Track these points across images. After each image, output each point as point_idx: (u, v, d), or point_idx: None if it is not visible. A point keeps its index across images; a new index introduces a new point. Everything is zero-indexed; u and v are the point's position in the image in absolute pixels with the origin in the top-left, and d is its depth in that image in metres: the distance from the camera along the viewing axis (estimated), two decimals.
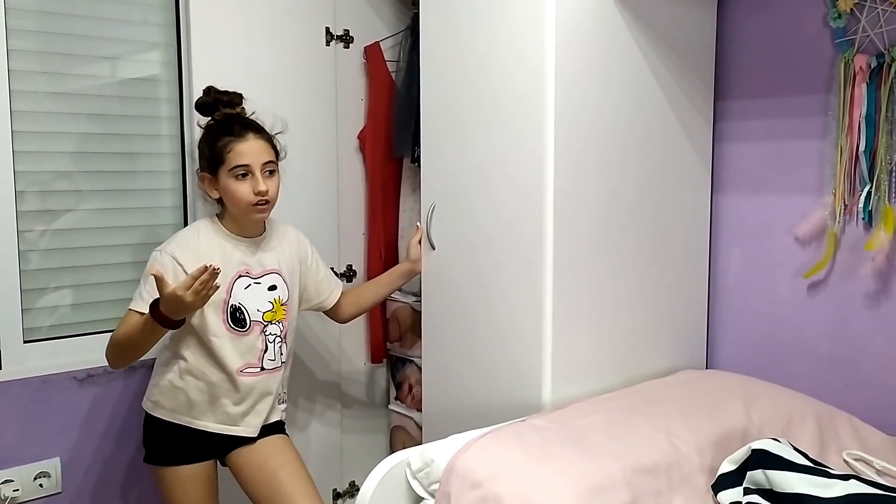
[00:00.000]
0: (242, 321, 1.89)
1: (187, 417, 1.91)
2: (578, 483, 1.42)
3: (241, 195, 1.85)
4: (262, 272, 1.95)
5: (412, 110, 2.35)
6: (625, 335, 2.01)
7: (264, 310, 1.93)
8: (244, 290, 1.90)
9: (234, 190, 1.86)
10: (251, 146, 1.86)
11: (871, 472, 1.62)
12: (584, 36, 1.84)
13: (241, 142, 1.85)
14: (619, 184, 1.95)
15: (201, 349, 1.89)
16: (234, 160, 1.85)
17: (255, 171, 1.86)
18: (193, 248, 1.87)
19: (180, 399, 1.90)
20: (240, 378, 1.90)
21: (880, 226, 1.84)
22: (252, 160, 1.85)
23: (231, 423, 1.93)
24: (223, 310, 1.87)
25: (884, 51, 1.83)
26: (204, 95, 1.95)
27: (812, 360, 2.02)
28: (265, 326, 1.93)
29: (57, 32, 2.11)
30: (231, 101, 1.95)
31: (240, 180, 1.85)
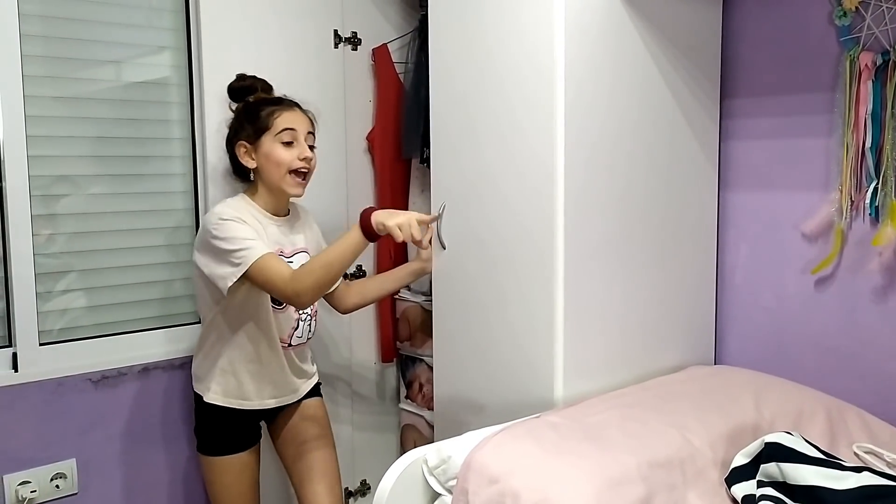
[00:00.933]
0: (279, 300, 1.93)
1: (238, 400, 1.96)
2: (595, 477, 1.44)
3: (285, 159, 1.89)
4: (293, 251, 1.99)
5: (420, 111, 2.37)
6: (635, 332, 2.03)
7: None
8: None
9: (279, 154, 1.90)
10: (297, 115, 1.94)
11: (882, 465, 1.64)
12: (593, 36, 1.85)
13: (288, 110, 1.93)
14: (628, 182, 1.97)
15: (254, 326, 1.92)
16: (281, 124, 1.90)
17: (300, 137, 1.92)
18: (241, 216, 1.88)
19: (230, 383, 1.96)
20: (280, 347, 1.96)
21: (887, 221, 1.86)
22: (298, 127, 1.92)
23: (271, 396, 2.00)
24: None
25: (889, 48, 1.85)
26: (239, 80, 2.03)
27: (820, 354, 2.04)
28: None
29: (66, 37, 2.12)
30: (266, 87, 2.04)
31: (285, 146, 1.90)
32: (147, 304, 2.29)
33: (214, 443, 2.00)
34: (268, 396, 2.00)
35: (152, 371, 2.24)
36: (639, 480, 1.47)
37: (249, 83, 2.02)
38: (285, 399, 2.04)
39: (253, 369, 1.97)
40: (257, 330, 1.94)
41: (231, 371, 1.96)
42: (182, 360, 2.29)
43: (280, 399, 2.03)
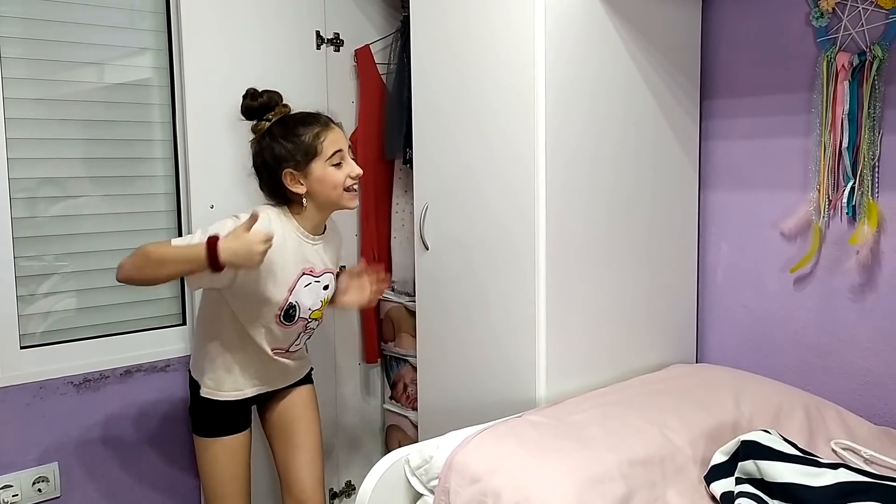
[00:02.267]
0: (292, 317, 1.92)
1: (232, 392, 1.95)
2: (575, 476, 1.45)
3: (339, 181, 1.86)
4: (322, 271, 1.97)
5: (403, 112, 2.37)
6: (617, 331, 2.05)
7: (314, 308, 1.95)
8: (304, 287, 1.91)
9: (333, 176, 1.86)
10: (338, 134, 1.89)
11: (860, 461, 1.66)
12: (574, 37, 1.87)
13: (330, 131, 1.87)
14: (610, 181, 1.98)
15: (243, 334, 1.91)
16: (329, 148, 1.85)
17: (346, 155, 1.89)
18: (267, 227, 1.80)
19: (224, 378, 1.94)
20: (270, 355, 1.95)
21: (864, 220, 1.88)
22: (343, 146, 1.89)
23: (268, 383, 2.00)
24: (280, 307, 1.88)
25: (865, 49, 1.87)
26: (250, 99, 1.90)
27: (799, 352, 2.06)
28: (308, 322, 1.96)
29: (46, 39, 2.11)
30: (277, 99, 1.92)
31: (336, 168, 1.87)
32: (129, 306, 2.28)
33: (208, 426, 1.98)
34: (260, 384, 1.99)
35: (135, 374, 2.24)
36: (619, 478, 1.48)
37: (266, 100, 1.90)
38: (278, 384, 2.03)
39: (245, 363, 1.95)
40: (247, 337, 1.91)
41: (224, 367, 1.94)
42: (165, 363, 2.28)
43: (274, 385, 2.02)
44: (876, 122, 1.86)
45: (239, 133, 2.24)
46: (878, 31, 1.85)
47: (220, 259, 1.66)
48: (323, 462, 2.10)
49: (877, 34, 1.85)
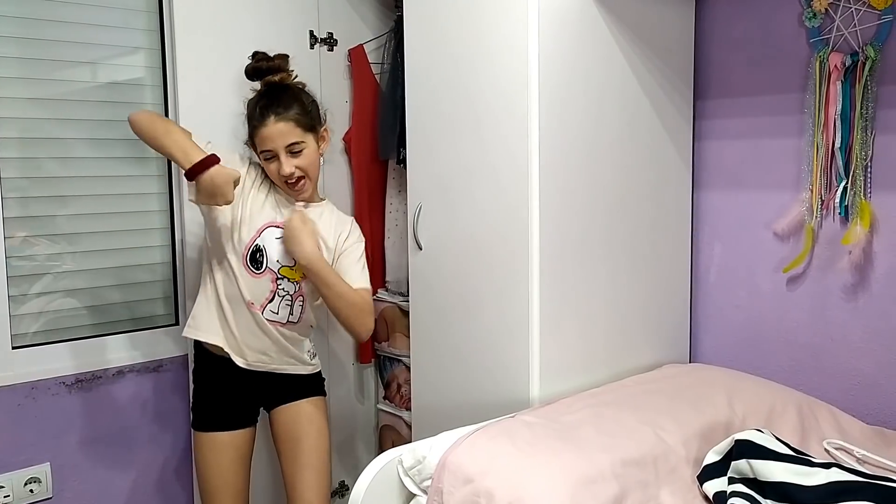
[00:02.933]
0: (259, 263, 1.92)
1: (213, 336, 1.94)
2: (568, 476, 1.45)
3: (272, 174, 1.94)
4: None
5: (397, 112, 2.37)
6: (610, 331, 2.05)
7: (284, 263, 1.93)
8: (274, 238, 1.93)
9: (266, 169, 1.95)
10: (271, 130, 1.90)
11: (852, 461, 1.66)
12: (567, 37, 1.87)
13: (263, 127, 1.91)
14: (603, 182, 1.99)
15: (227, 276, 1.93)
16: (260, 145, 1.93)
17: (280, 153, 1.91)
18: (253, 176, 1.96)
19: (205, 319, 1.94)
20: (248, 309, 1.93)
21: (856, 220, 1.89)
22: (274, 144, 1.90)
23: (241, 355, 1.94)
24: (247, 246, 1.91)
25: (858, 49, 1.87)
26: (251, 60, 2.01)
27: (792, 352, 2.06)
28: (278, 278, 1.94)
29: (40, 39, 2.10)
30: (271, 67, 1.99)
31: (268, 161, 1.93)
32: (122, 306, 2.27)
33: (206, 416, 1.98)
34: (240, 354, 1.94)
35: (127, 374, 2.23)
36: (612, 479, 1.48)
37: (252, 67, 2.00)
38: (258, 367, 1.96)
39: (220, 315, 1.94)
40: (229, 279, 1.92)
41: (217, 314, 1.94)
42: (157, 363, 2.28)
43: (252, 365, 1.95)
44: (868, 123, 1.86)
45: (231, 133, 2.24)
46: (871, 31, 1.86)
47: (200, 176, 1.74)
48: (329, 479, 2.08)
49: (869, 35, 1.86)
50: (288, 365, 2.01)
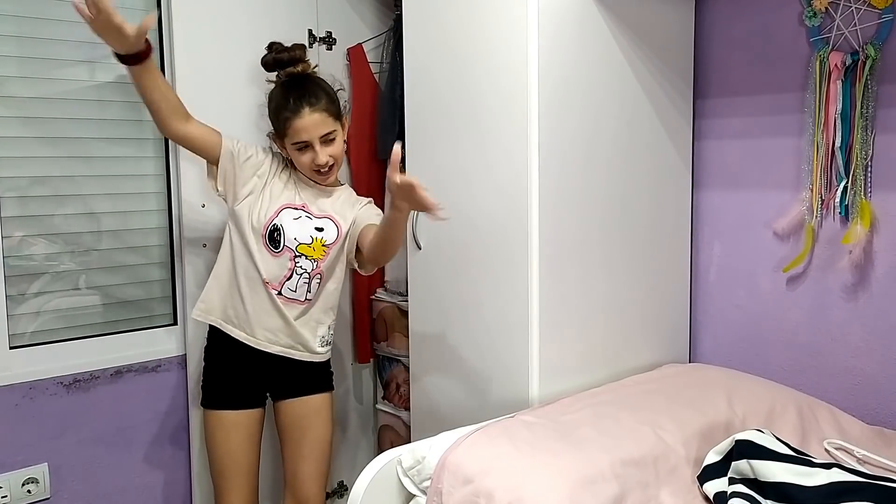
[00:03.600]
0: (277, 242, 1.96)
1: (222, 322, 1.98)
2: (568, 477, 1.45)
3: (303, 164, 1.98)
4: (321, 215, 2.01)
5: (396, 111, 2.36)
6: (610, 331, 2.04)
7: (301, 241, 1.97)
8: (293, 219, 1.98)
9: (297, 158, 1.98)
10: (306, 121, 1.93)
11: (852, 461, 1.66)
12: (567, 36, 1.86)
13: (297, 118, 1.93)
14: (603, 182, 1.98)
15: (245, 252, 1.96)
16: (293, 136, 1.95)
17: (315, 144, 1.95)
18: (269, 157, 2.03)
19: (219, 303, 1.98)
20: (264, 287, 1.96)
21: (857, 220, 1.89)
22: (310, 135, 1.94)
23: (251, 334, 1.98)
24: (265, 226, 1.96)
25: (858, 48, 1.87)
26: (267, 52, 2.06)
27: (792, 351, 2.06)
28: (296, 256, 1.96)
29: (39, 37, 2.09)
30: (292, 58, 2.04)
31: (300, 151, 1.96)
32: (120, 306, 2.26)
33: (215, 394, 2.00)
34: (251, 333, 1.98)
35: (125, 374, 2.22)
36: (612, 479, 1.48)
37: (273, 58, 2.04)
38: (267, 346, 1.98)
39: (232, 295, 1.98)
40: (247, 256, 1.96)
41: (219, 292, 1.99)
42: (156, 363, 2.27)
43: (261, 344, 1.97)
44: (869, 122, 1.86)
45: (231, 131, 2.23)
46: (871, 30, 1.85)
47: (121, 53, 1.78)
48: (328, 470, 2.13)
49: (869, 34, 1.86)
50: (295, 350, 2.02)
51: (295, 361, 2.02)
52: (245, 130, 2.21)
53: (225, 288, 1.99)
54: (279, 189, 2.01)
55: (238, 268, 1.97)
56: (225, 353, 2.02)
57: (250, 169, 1.99)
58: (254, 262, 1.95)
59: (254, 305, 1.96)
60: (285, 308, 1.97)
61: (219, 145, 1.96)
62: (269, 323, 1.97)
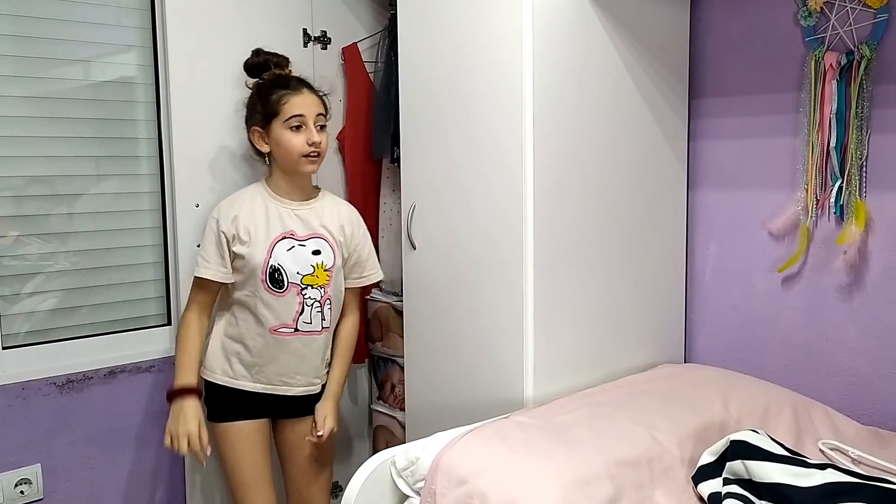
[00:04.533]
0: (280, 282, 1.95)
1: (231, 379, 2.00)
2: (562, 477, 1.44)
3: (295, 146, 1.94)
4: (308, 235, 2.00)
5: (391, 111, 2.36)
6: (605, 331, 2.04)
7: (304, 273, 1.97)
8: (286, 251, 1.96)
9: (288, 140, 1.95)
10: (306, 99, 1.96)
11: (847, 461, 1.65)
12: (561, 36, 1.86)
13: (296, 95, 1.95)
14: (598, 181, 1.98)
15: (243, 306, 1.97)
16: (289, 111, 1.94)
17: (309, 122, 1.95)
18: (233, 214, 1.97)
19: (223, 363, 1.99)
20: (273, 336, 1.96)
21: (851, 220, 1.88)
22: (307, 111, 1.95)
23: (268, 382, 2.00)
24: (263, 270, 1.94)
25: (853, 48, 1.87)
26: (254, 56, 2.06)
27: (787, 352, 2.06)
28: (303, 289, 1.97)
29: (33, 36, 2.09)
30: (280, 62, 2.05)
31: (294, 132, 1.94)
32: (114, 306, 2.25)
33: (221, 410, 2.01)
34: (257, 381, 2.00)
35: (119, 374, 2.21)
36: (606, 480, 1.48)
37: (263, 60, 2.04)
38: (274, 389, 2.01)
39: (238, 349, 1.99)
40: (246, 309, 1.97)
41: (222, 348, 2.00)
42: (150, 364, 2.26)
43: (267, 387, 2.01)
44: (864, 122, 1.86)
45: (224, 131, 2.23)
46: (866, 30, 1.85)
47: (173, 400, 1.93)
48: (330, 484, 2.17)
49: (865, 33, 1.85)
50: (311, 386, 2.06)
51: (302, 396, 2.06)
52: (237, 129, 2.20)
53: (227, 345, 2.00)
54: (262, 224, 1.97)
55: (240, 321, 1.98)
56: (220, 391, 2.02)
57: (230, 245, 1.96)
58: (257, 310, 1.96)
59: (261, 355, 1.98)
60: (302, 344, 1.99)
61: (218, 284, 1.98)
62: (279, 368, 2.00)
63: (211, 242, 1.96)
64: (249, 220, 1.96)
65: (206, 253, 1.96)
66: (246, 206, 1.98)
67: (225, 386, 2.00)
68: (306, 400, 2.07)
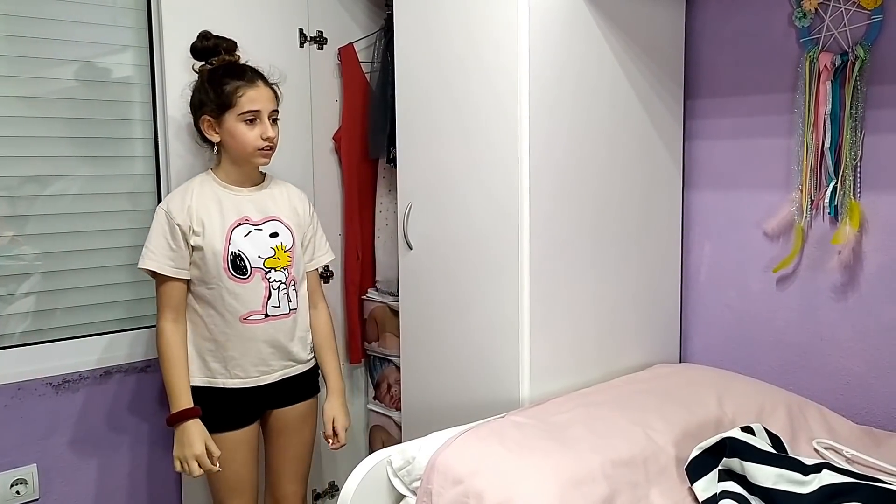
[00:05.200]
0: (243, 268, 1.92)
1: (209, 378, 1.96)
2: (558, 477, 1.45)
3: (249, 140, 1.91)
4: (263, 219, 1.98)
5: (387, 111, 2.36)
6: (601, 331, 2.05)
7: (265, 256, 1.95)
8: (244, 237, 1.94)
9: (243, 134, 1.91)
10: (261, 93, 1.93)
11: (841, 461, 1.66)
12: (557, 36, 1.86)
13: (252, 88, 1.92)
14: (593, 181, 1.98)
15: (207, 303, 1.93)
16: (245, 105, 1.90)
17: (264, 117, 1.93)
18: (186, 205, 1.92)
19: (198, 364, 1.96)
20: (244, 325, 1.93)
21: (846, 220, 1.89)
22: (262, 106, 1.92)
23: (246, 375, 1.97)
24: (224, 258, 1.91)
25: (847, 49, 1.87)
26: (202, 40, 1.99)
27: (782, 351, 2.07)
28: (267, 273, 1.95)
29: (28, 36, 2.09)
30: (229, 47, 2.01)
31: (248, 125, 1.91)
32: (109, 306, 2.25)
33: (206, 418, 1.95)
34: (235, 376, 1.96)
35: (114, 374, 2.21)
36: (602, 479, 1.48)
37: (213, 44, 1.99)
38: (253, 381, 1.98)
39: (210, 347, 1.95)
40: (210, 305, 1.93)
41: (195, 350, 1.96)
42: (144, 363, 2.26)
43: (246, 381, 1.97)
44: (858, 123, 1.86)
45: None
46: (861, 31, 1.86)
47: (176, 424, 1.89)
48: (309, 471, 2.15)
49: (859, 34, 1.86)
50: (288, 368, 2.03)
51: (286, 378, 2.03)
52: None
53: (202, 345, 1.95)
54: (216, 212, 1.93)
55: (206, 319, 1.93)
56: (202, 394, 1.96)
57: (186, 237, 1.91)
58: (224, 301, 1.91)
59: (236, 347, 1.94)
60: (274, 329, 1.96)
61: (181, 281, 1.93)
62: (255, 357, 1.96)
63: (159, 235, 1.90)
64: (203, 210, 1.91)
65: (153, 245, 1.90)
66: (196, 196, 1.93)
67: (205, 387, 1.95)
68: (288, 384, 2.03)
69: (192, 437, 1.87)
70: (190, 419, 1.88)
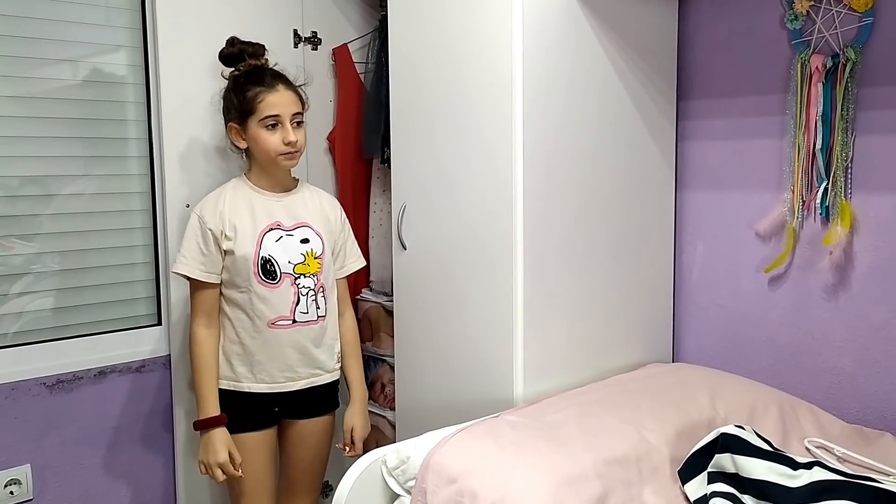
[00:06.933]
0: (273, 273, 1.93)
1: (234, 382, 1.97)
2: (552, 476, 1.46)
3: (271, 145, 1.91)
4: (295, 225, 1.98)
5: (381, 111, 2.37)
6: (594, 331, 2.06)
7: (296, 262, 1.95)
8: (275, 242, 1.94)
9: (265, 140, 1.92)
10: (282, 97, 1.92)
11: (832, 459, 1.67)
12: (551, 37, 1.87)
13: (271, 92, 1.91)
14: (587, 182, 1.99)
15: (237, 306, 1.94)
16: (265, 111, 1.90)
17: (286, 121, 1.92)
18: (218, 210, 1.94)
19: (225, 367, 1.97)
20: (271, 330, 1.94)
21: (837, 221, 1.91)
22: (282, 111, 1.91)
23: (272, 381, 1.98)
24: (254, 262, 1.92)
25: (839, 51, 1.89)
26: (228, 46, 2.01)
27: (774, 351, 2.08)
28: (296, 279, 1.95)
29: (22, 36, 2.08)
30: (255, 52, 2.01)
31: (270, 130, 1.91)
32: (104, 306, 2.25)
33: (234, 418, 1.96)
34: (261, 381, 1.97)
35: (109, 374, 2.21)
36: (595, 478, 1.49)
37: (238, 49, 2.00)
38: (280, 386, 1.98)
39: (237, 351, 1.96)
40: (240, 309, 1.94)
41: (222, 353, 1.97)
42: (140, 363, 2.26)
43: (273, 386, 1.97)
44: (849, 124, 1.88)
45: (214, 131, 2.23)
46: (852, 33, 1.87)
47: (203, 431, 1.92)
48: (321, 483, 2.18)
49: (850, 37, 1.88)
50: (314, 377, 2.03)
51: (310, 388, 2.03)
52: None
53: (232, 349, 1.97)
54: (248, 218, 1.94)
55: (236, 323, 1.95)
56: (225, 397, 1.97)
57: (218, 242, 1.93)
58: (254, 305, 1.92)
59: (264, 351, 1.95)
60: (301, 336, 1.96)
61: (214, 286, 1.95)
62: (283, 362, 1.97)
63: (191, 240, 1.92)
64: (234, 215, 1.93)
65: (185, 250, 1.92)
66: (229, 200, 1.95)
67: (229, 390, 1.96)
68: (312, 394, 2.03)
69: (217, 445, 1.89)
70: (217, 427, 1.90)
